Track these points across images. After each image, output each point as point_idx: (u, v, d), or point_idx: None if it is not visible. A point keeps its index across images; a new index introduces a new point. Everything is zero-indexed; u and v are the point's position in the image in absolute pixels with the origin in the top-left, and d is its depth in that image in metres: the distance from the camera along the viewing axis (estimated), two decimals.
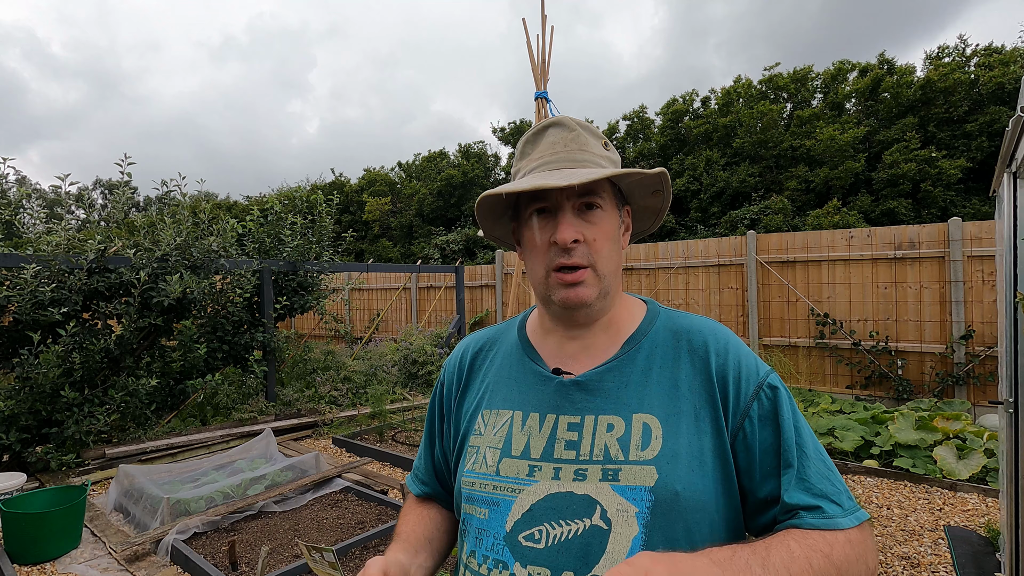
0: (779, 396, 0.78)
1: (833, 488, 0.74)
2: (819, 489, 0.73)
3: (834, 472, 0.76)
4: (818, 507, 0.72)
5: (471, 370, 0.96)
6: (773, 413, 0.77)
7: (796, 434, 0.76)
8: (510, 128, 19.30)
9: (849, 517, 0.72)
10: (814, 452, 0.76)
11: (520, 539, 0.75)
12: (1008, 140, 2.04)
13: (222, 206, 20.49)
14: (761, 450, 0.76)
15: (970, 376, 5.67)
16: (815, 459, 0.75)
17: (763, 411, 0.77)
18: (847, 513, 0.72)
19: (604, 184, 0.83)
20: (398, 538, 0.91)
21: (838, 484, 0.75)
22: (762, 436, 0.77)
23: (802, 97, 14.19)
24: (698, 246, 7.50)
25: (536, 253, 0.83)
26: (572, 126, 0.86)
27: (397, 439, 5.59)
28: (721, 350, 0.81)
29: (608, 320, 0.86)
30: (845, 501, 0.74)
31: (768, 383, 0.79)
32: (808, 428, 0.78)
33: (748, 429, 0.77)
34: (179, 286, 5.12)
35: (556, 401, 0.82)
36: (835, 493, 0.74)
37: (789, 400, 0.79)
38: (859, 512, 0.74)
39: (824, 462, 0.76)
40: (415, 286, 10.92)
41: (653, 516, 0.72)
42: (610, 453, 0.76)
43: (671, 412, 0.77)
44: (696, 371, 0.79)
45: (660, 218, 0.96)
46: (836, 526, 0.71)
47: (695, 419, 0.77)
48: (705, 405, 0.78)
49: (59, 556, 3.24)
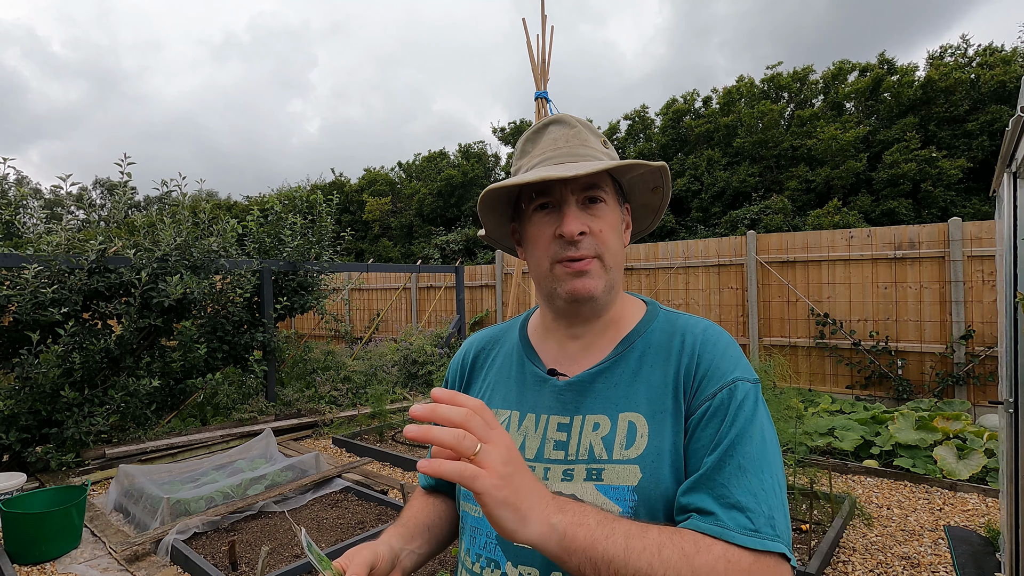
0: (733, 399, 0.72)
1: (754, 504, 0.66)
2: (733, 499, 0.66)
3: (768, 493, 0.67)
4: (713, 513, 0.65)
5: (473, 369, 0.96)
6: (722, 413, 0.72)
7: (735, 439, 0.69)
8: (510, 128, 19.30)
9: (751, 537, 0.63)
10: (752, 465, 0.68)
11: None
12: (1008, 140, 2.04)
13: (222, 206, 20.49)
14: (693, 449, 0.72)
15: (970, 376, 5.66)
16: (749, 471, 0.68)
17: (711, 411, 0.72)
18: (754, 534, 0.64)
19: (606, 179, 0.82)
20: (398, 522, 0.92)
21: (764, 504, 0.66)
22: (700, 435, 0.72)
23: (804, 97, 14.19)
24: (698, 246, 7.49)
25: (540, 248, 0.82)
26: (572, 123, 0.86)
27: (397, 439, 5.59)
28: (704, 349, 0.78)
29: (609, 319, 0.85)
30: (761, 523, 0.65)
31: (731, 386, 0.73)
32: (761, 442, 0.70)
33: (693, 425, 0.73)
34: (179, 286, 5.13)
35: (550, 402, 0.82)
36: (753, 510, 0.65)
37: (748, 408, 0.72)
38: (772, 542, 0.64)
39: (760, 480, 0.67)
40: (415, 286, 10.92)
41: (636, 516, 0.71)
42: (594, 452, 0.76)
43: (658, 410, 0.76)
44: (683, 369, 0.78)
45: (658, 217, 0.95)
46: (725, 537, 0.63)
47: (677, 416, 0.75)
48: (683, 402, 0.76)
49: (59, 556, 3.25)
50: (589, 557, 0.59)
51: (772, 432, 0.74)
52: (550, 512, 0.60)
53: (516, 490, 0.58)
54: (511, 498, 0.57)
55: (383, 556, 0.80)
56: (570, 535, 0.59)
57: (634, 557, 0.60)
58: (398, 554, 0.84)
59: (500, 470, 0.57)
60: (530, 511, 0.59)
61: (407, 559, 0.85)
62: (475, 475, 0.56)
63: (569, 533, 0.59)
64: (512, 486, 0.58)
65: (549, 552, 0.60)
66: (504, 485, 0.57)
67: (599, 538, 0.60)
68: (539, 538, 0.59)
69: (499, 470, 0.57)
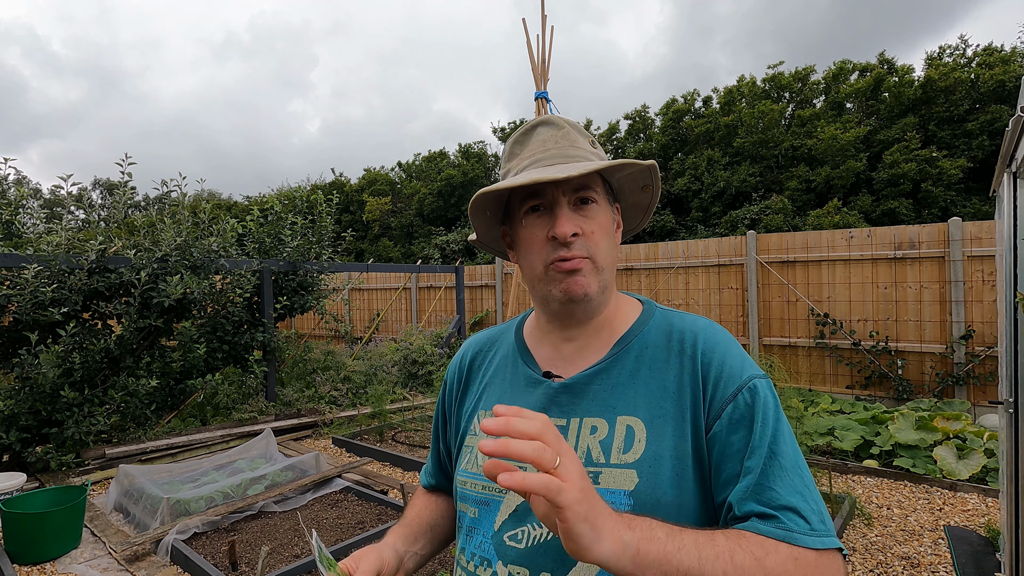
0: (757, 400, 0.73)
1: (804, 504, 0.68)
2: (784, 500, 0.67)
3: (811, 490, 0.70)
4: (775, 516, 0.66)
5: (471, 371, 0.96)
6: (748, 417, 0.72)
7: (772, 440, 0.71)
8: (510, 128, 19.30)
9: (812, 537, 0.65)
10: (791, 464, 0.70)
11: (505, 538, 0.77)
12: (1008, 140, 2.04)
13: (222, 206, 20.50)
14: (727, 454, 0.72)
15: (970, 376, 5.66)
16: (790, 471, 0.70)
17: (737, 414, 0.73)
18: (813, 533, 0.66)
19: (597, 179, 0.82)
20: (402, 522, 0.92)
21: (811, 502, 0.68)
22: (730, 439, 0.72)
23: (805, 96, 14.18)
24: (698, 246, 7.49)
25: (533, 251, 0.81)
26: (561, 124, 0.85)
27: (397, 439, 5.59)
28: (708, 349, 0.78)
29: (603, 320, 0.85)
30: (815, 521, 0.67)
31: (749, 386, 0.74)
32: (791, 439, 0.73)
33: (718, 431, 0.73)
34: (179, 287, 5.13)
35: (544, 404, 0.82)
36: (805, 509, 0.67)
37: (772, 406, 0.74)
38: (829, 538, 0.66)
39: (802, 477, 0.70)
40: (415, 286, 10.92)
41: None
42: (591, 456, 0.75)
43: (657, 414, 0.76)
44: (684, 371, 0.77)
45: (648, 215, 0.95)
46: (790, 539, 0.64)
47: (681, 421, 0.75)
48: (690, 406, 0.75)
49: (59, 556, 3.25)
50: (664, 572, 0.58)
51: (788, 423, 0.76)
52: (621, 529, 0.58)
53: (592, 505, 0.56)
54: (590, 514, 0.56)
55: (388, 561, 0.81)
56: (643, 551, 0.58)
57: (708, 566, 0.60)
58: (402, 557, 0.86)
59: (579, 483, 0.56)
60: (603, 527, 0.57)
61: (410, 561, 0.87)
62: (560, 488, 0.53)
63: (642, 549, 0.58)
64: (589, 501, 0.56)
65: (622, 570, 0.58)
66: (584, 499, 0.55)
67: (671, 551, 0.59)
68: (611, 555, 0.57)
69: (578, 483, 0.56)
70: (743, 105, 14.13)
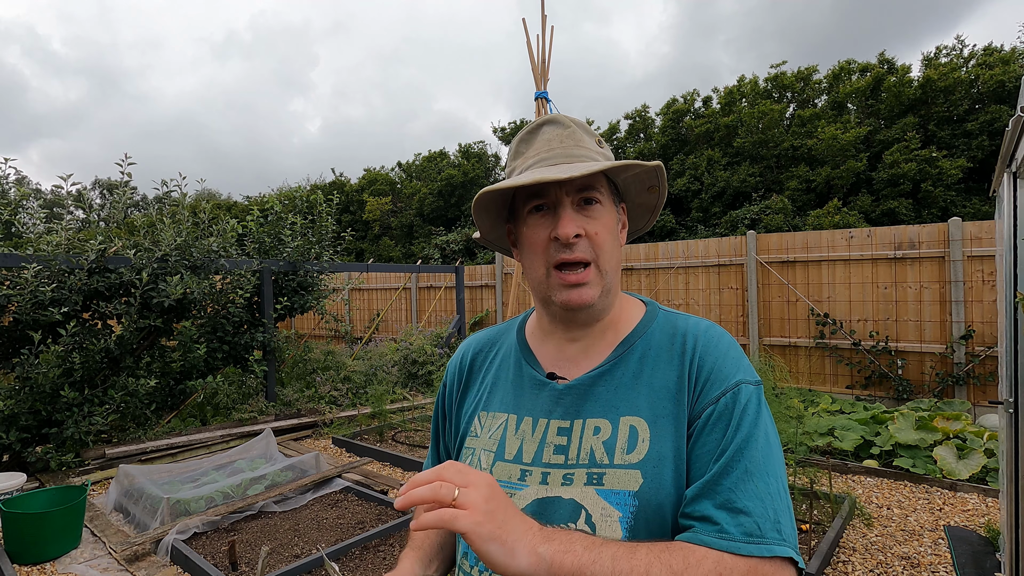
0: (738, 404, 0.72)
1: (760, 508, 0.65)
2: (738, 504, 0.66)
3: (774, 497, 0.67)
4: (717, 523, 0.65)
5: (471, 372, 0.95)
6: (725, 419, 0.71)
7: (743, 443, 0.69)
8: (510, 128, 19.29)
9: (752, 544, 0.63)
10: (759, 469, 0.68)
11: None
12: (1008, 140, 2.04)
13: (222, 206, 20.49)
14: (699, 454, 0.71)
15: (970, 376, 5.66)
16: (756, 475, 0.67)
17: (715, 415, 0.72)
18: (753, 539, 0.63)
19: (602, 180, 0.82)
20: (411, 544, 0.91)
21: (769, 508, 0.66)
22: (705, 439, 0.72)
23: (806, 96, 14.18)
24: (698, 246, 7.49)
25: (535, 251, 0.81)
26: (567, 123, 0.85)
27: (397, 439, 5.59)
28: (706, 351, 0.77)
29: (608, 321, 0.85)
30: (767, 528, 0.64)
31: (734, 390, 0.73)
32: (766, 446, 0.70)
33: (697, 430, 0.73)
34: (179, 287, 5.12)
35: (549, 406, 0.82)
36: (758, 513, 0.65)
37: (752, 411, 0.72)
38: (777, 546, 0.63)
39: (767, 483, 0.67)
40: (415, 286, 10.92)
41: (636, 521, 0.70)
42: (595, 457, 0.75)
43: (659, 414, 0.75)
44: (684, 372, 0.77)
45: (654, 216, 0.94)
46: (726, 547, 0.63)
47: (680, 421, 0.75)
48: (686, 406, 0.75)
49: (59, 556, 3.24)
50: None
51: (775, 434, 0.73)
52: (536, 542, 0.61)
53: (500, 524, 0.60)
54: (496, 532, 0.59)
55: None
56: (557, 562, 0.60)
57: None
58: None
59: (482, 507, 0.60)
60: (517, 543, 0.60)
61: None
62: (454, 516, 0.58)
63: (556, 560, 0.60)
64: (495, 521, 0.60)
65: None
66: (487, 521, 0.59)
67: (586, 563, 0.61)
68: (528, 568, 0.60)
69: (480, 507, 0.59)
70: (743, 105, 14.13)
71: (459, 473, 0.62)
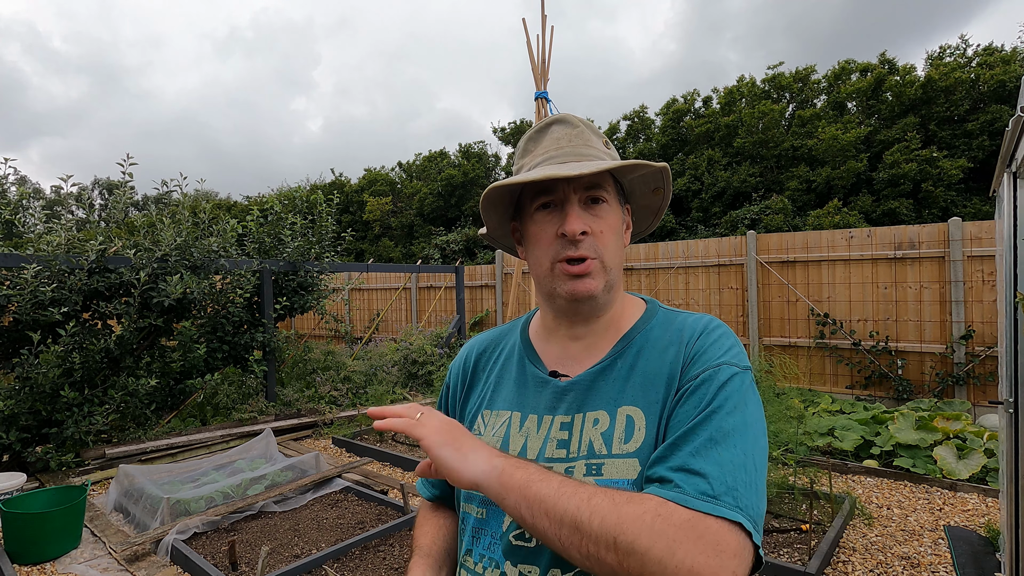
0: (717, 378, 0.71)
1: (716, 471, 0.62)
2: (694, 466, 0.63)
3: (736, 466, 0.63)
4: (670, 480, 0.63)
5: (475, 371, 0.96)
6: (702, 392, 0.70)
7: (712, 412, 0.67)
8: (510, 128, 19.30)
9: (699, 500, 0.60)
10: (724, 437, 0.65)
11: (511, 538, 0.77)
12: (1008, 140, 2.04)
13: (222, 206, 20.48)
14: (672, 424, 0.71)
15: (970, 376, 5.66)
16: (721, 443, 0.65)
17: (692, 388, 0.71)
18: (704, 497, 0.60)
19: (608, 179, 0.83)
20: (420, 551, 0.90)
21: (729, 476, 0.62)
22: (679, 411, 0.71)
23: (805, 96, 14.17)
24: (698, 246, 7.49)
25: (541, 247, 0.82)
26: (575, 123, 0.86)
27: (397, 439, 5.59)
28: (702, 338, 0.78)
29: (610, 319, 0.86)
30: (721, 491, 0.61)
31: (717, 368, 0.72)
32: (748, 423, 0.68)
33: (675, 403, 0.73)
34: (179, 286, 5.12)
35: (552, 403, 0.83)
36: (713, 475, 0.62)
37: (733, 390, 0.70)
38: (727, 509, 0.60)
39: (732, 453, 0.64)
40: (415, 286, 10.92)
41: None
42: (594, 447, 0.76)
43: (652, 400, 0.76)
44: (678, 357, 0.77)
45: (658, 218, 0.96)
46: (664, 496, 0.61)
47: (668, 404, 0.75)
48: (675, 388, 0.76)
49: (59, 556, 3.25)
50: (524, 495, 0.64)
51: (757, 415, 0.71)
52: (492, 455, 0.69)
53: (455, 437, 0.70)
54: (450, 441, 0.69)
55: None
56: (508, 472, 0.66)
57: (564, 499, 0.62)
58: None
59: (438, 424, 0.72)
60: (472, 452, 0.68)
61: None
62: (414, 425, 0.71)
63: (507, 471, 0.66)
64: (451, 434, 0.71)
65: (492, 491, 0.66)
66: (444, 431, 0.71)
67: (534, 479, 0.65)
68: (482, 474, 0.67)
69: (437, 424, 0.72)
70: (743, 105, 14.13)
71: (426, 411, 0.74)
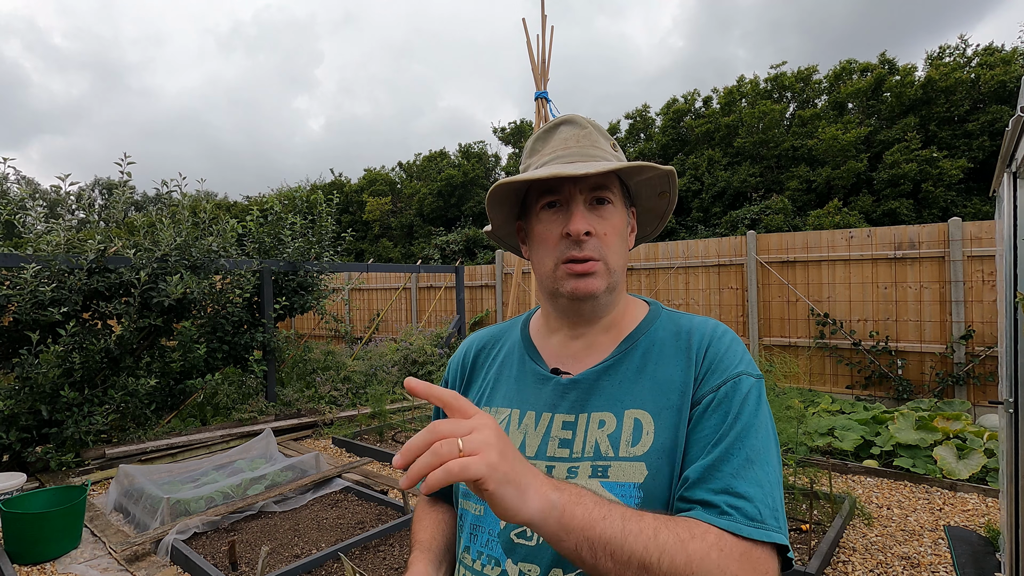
0: (738, 392, 0.73)
1: (760, 495, 0.66)
2: (739, 489, 0.66)
3: (773, 485, 0.68)
4: (717, 505, 0.66)
5: (474, 368, 0.96)
6: (724, 406, 0.72)
7: (742, 431, 0.70)
8: (510, 128, 19.31)
9: (753, 527, 0.64)
10: (758, 457, 0.69)
11: (512, 536, 0.76)
12: (1008, 140, 2.04)
13: (222, 206, 20.48)
14: (696, 439, 0.72)
15: (970, 376, 5.66)
16: (756, 463, 0.68)
17: (715, 402, 0.73)
18: (753, 523, 0.64)
19: (614, 181, 0.83)
20: (420, 546, 0.90)
21: (768, 496, 0.67)
22: (703, 424, 0.72)
23: (806, 96, 14.18)
24: (698, 246, 7.49)
25: (546, 246, 0.82)
26: (584, 124, 0.86)
27: (397, 439, 5.59)
28: (712, 345, 0.79)
29: (612, 320, 0.86)
30: (766, 514, 0.65)
31: (735, 379, 0.74)
32: (765, 435, 0.71)
33: (696, 416, 0.74)
34: (179, 286, 5.12)
35: (553, 400, 0.82)
36: (757, 498, 0.66)
37: (752, 402, 0.73)
38: (774, 533, 0.64)
39: (766, 471, 0.68)
40: (415, 286, 10.92)
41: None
42: (600, 449, 0.76)
43: (663, 406, 0.76)
44: (689, 365, 0.78)
45: (663, 223, 0.96)
46: (728, 527, 0.63)
47: (684, 413, 0.76)
48: (689, 398, 0.76)
49: (59, 556, 3.24)
50: (587, 537, 0.58)
51: (773, 428, 0.75)
52: (547, 489, 0.58)
53: (512, 465, 0.56)
54: (510, 474, 0.55)
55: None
56: (569, 513, 0.58)
57: (631, 539, 0.59)
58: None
59: (495, 446, 0.55)
60: (528, 487, 0.57)
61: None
62: (464, 466, 0.53)
63: (568, 511, 0.58)
64: (508, 461, 0.56)
65: (548, 531, 0.58)
66: (501, 461, 0.55)
67: (596, 518, 0.59)
68: (538, 514, 0.57)
69: (494, 446, 0.55)
70: (743, 105, 14.13)
71: (455, 424, 0.56)
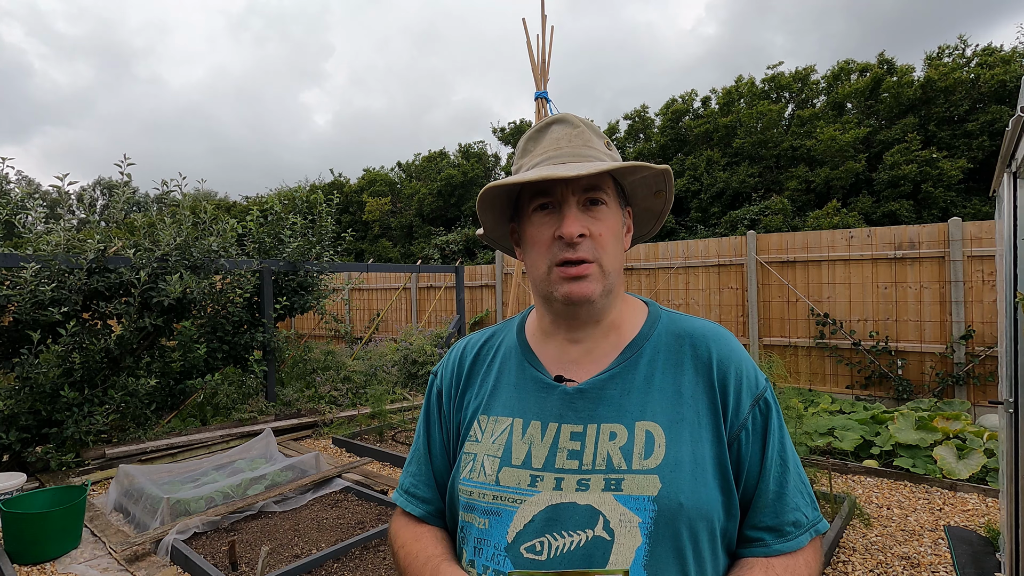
0: (771, 411, 0.81)
1: (804, 500, 0.79)
2: (792, 504, 0.78)
3: (807, 483, 0.82)
4: (782, 530, 0.77)
5: (470, 373, 0.92)
6: (764, 427, 0.80)
7: (780, 449, 0.80)
8: (510, 128, 19.30)
9: (811, 532, 0.79)
10: (794, 466, 0.80)
11: (522, 550, 0.73)
12: (1008, 140, 2.04)
13: (222, 206, 20.48)
14: (750, 463, 0.79)
15: (970, 376, 5.66)
16: (793, 473, 0.80)
17: (756, 425, 0.79)
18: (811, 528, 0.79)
19: (608, 181, 0.81)
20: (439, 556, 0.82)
21: (807, 495, 0.81)
22: (752, 449, 0.79)
23: (805, 97, 14.18)
24: (698, 246, 7.49)
25: (539, 249, 0.80)
26: (576, 123, 0.84)
27: (397, 439, 5.59)
28: (724, 357, 0.80)
29: (610, 322, 0.84)
30: (812, 514, 0.80)
31: (764, 397, 0.81)
32: (789, 440, 0.82)
33: (743, 440, 0.78)
34: (179, 286, 5.12)
35: (559, 410, 0.80)
36: (806, 506, 0.79)
37: (778, 414, 0.82)
38: (820, 523, 0.80)
39: (800, 476, 0.81)
40: (415, 286, 10.92)
41: (656, 526, 0.70)
42: (613, 462, 0.74)
43: (674, 419, 0.76)
44: (699, 377, 0.78)
45: (660, 222, 0.93)
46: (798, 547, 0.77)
47: (697, 426, 0.76)
48: (707, 412, 0.77)
49: (59, 556, 3.24)
50: None
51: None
52: None
53: None
54: None
55: None
56: None
57: None
58: None
59: None
60: None
61: None
62: None
63: None
64: None
65: None
66: None
67: None
68: None
69: None
70: (742, 105, 14.14)
71: None
